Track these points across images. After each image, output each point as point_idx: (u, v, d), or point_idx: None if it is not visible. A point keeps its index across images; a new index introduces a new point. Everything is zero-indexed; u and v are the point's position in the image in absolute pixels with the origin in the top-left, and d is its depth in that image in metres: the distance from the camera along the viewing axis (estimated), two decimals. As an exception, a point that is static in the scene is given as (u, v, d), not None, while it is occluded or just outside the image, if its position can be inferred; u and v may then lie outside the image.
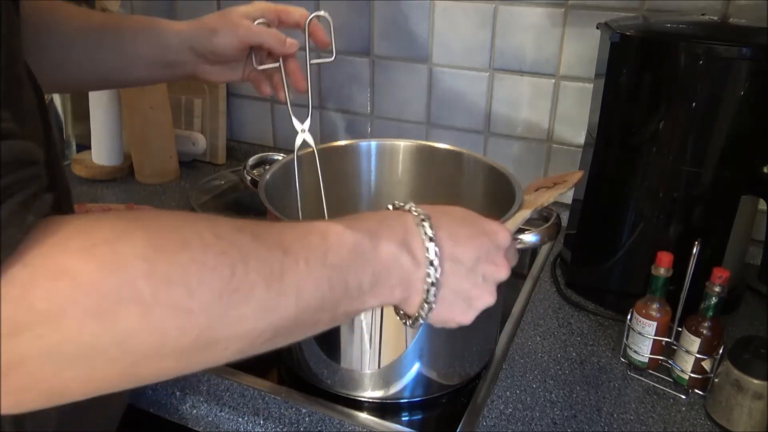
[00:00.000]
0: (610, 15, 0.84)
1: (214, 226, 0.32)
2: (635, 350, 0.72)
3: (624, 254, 0.81)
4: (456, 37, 1.05)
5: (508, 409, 0.67)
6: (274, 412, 0.65)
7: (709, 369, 0.67)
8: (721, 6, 0.88)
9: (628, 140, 0.78)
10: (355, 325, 0.63)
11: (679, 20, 0.78)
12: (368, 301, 0.40)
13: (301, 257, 0.35)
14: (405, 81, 1.12)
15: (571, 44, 0.98)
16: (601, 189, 0.83)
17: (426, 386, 0.67)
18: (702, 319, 0.67)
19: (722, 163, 0.73)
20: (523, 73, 1.03)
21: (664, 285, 0.69)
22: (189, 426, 0.68)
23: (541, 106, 1.04)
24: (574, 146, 1.04)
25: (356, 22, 1.11)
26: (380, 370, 0.65)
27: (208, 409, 0.66)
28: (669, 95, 0.73)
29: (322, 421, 0.64)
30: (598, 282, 0.86)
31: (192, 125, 1.25)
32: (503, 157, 1.09)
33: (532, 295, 0.87)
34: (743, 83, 0.69)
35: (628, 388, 0.70)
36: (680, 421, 0.66)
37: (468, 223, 0.45)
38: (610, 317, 0.82)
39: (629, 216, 0.80)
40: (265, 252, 0.34)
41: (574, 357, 0.75)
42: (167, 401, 0.68)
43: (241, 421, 0.65)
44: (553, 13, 0.97)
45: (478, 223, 0.46)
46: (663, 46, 0.72)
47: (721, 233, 0.77)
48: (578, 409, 0.67)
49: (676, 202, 0.77)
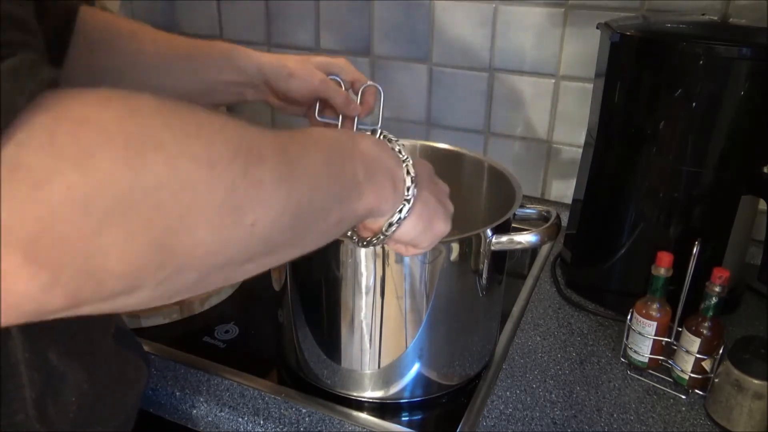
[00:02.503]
0: (610, 15, 0.84)
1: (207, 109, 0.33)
2: (635, 350, 0.72)
3: (624, 254, 0.81)
4: (456, 37, 1.05)
5: (508, 409, 0.67)
6: (274, 412, 0.65)
7: (709, 369, 0.67)
8: (721, 6, 0.88)
9: (628, 140, 0.78)
10: (355, 325, 0.63)
11: (679, 20, 0.78)
12: (367, 195, 0.41)
13: (294, 139, 0.36)
14: (405, 81, 1.12)
15: (571, 44, 0.98)
16: (601, 189, 0.83)
17: (426, 386, 0.67)
18: (702, 319, 0.67)
19: (722, 163, 0.73)
20: (523, 73, 1.03)
21: (664, 285, 0.69)
22: (189, 426, 0.68)
23: (541, 106, 1.04)
24: (574, 146, 1.04)
25: (356, 22, 1.11)
26: (380, 370, 0.65)
27: (208, 409, 0.66)
28: (669, 95, 0.73)
29: (322, 421, 0.64)
30: (598, 282, 0.86)
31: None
32: (503, 157, 1.09)
33: (532, 295, 0.87)
34: (743, 83, 0.69)
35: (628, 388, 0.70)
36: (680, 421, 0.66)
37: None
38: (610, 317, 0.82)
39: (629, 216, 0.80)
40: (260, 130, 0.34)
41: (574, 357, 0.75)
42: (167, 401, 0.68)
43: (241, 421, 0.65)
44: (553, 13, 0.97)
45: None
46: (663, 46, 0.72)
47: (721, 233, 0.77)
48: (578, 409, 0.67)
49: (676, 202, 0.77)
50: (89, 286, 0.27)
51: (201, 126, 0.30)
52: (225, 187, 0.30)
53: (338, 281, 0.61)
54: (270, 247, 0.35)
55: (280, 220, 0.34)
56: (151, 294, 0.30)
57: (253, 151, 0.32)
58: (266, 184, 0.32)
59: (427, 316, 0.62)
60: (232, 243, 0.31)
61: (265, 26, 1.20)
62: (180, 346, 0.75)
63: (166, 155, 0.27)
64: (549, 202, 1.10)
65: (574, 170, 0.93)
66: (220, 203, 0.30)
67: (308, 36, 1.17)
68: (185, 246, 0.29)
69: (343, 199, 0.39)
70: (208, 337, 0.77)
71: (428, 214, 0.46)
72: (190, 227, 0.29)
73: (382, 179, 0.42)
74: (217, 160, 0.30)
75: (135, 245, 0.27)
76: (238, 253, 0.32)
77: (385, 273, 0.60)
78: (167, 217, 0.28)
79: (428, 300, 0.61)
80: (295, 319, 0.67)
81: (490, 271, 0.64)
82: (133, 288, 0.29)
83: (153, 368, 0.71)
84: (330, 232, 0.40)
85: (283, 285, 0.67)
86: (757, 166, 0.73)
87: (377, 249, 0.58)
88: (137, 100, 0.28)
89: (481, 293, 0.65)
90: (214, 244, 0.30)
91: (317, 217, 0.37)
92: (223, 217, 0.30)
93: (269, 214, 0.33)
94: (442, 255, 0.60)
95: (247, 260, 0.34)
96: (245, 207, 0.31)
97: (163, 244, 0.28)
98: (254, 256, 0.34)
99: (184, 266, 0.30)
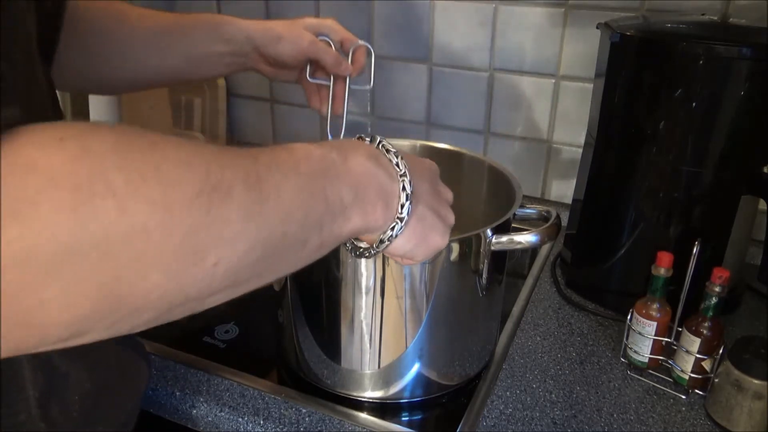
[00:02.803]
0: (610, 15, 0.84)
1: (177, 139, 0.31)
2: (635, 350, 0.72)
3: (624, 254, 0.81)
4: (456, 37, 1.05)
5: (508, 409, 0.67)
6: (274, 412, 0.65)
7: (709, 369, 0.67)
8: (721, 6, 0.88)
9: (628, 140, 0.77)
10: (355, 325, 0.63)
11: (679, 20, 0.78)
12: (353, 219, 0.39)
13: (273, 165, 0.34)
14: (405, 81, 1.12)
15: (571, 44, 0.98)
16: (601, 189, 0.83)
17: (426, 386, 0.67)
18: (702, 319, 0.67)
19: (722, 163, 0.73)
20: (523, 73, 1.03)
21: (664, 285, 0.69)
22: (189, 426, 0.68)
23: (541, 106, 1.04)
24: (574, 146, 1.04)
25: (356, 22, 1.11)
26: (380, 370, 0.65)
27: (208, 409, 0.66)
28: (669, 95, 0.73)
29: (322, 421, 0.64)
30: (598, 282, 0.86)
31: (192, 125, 1.24)
32: (503, 157, 1.09)
33: (532, 295, 0.87)
34: (743, 83, 0.69)
35: (628, 388, 0.70)
36: (680, 421, 0.66)
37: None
38: (610, 317, 0.82)
39: (629, 216, 0.80)
40: (235, 158, 0.32)
41: (574, 357, 0.75)
42: (167, 401, 0.68)
43: (241, 421, 0.65)
44: (553, 13, 0.97)
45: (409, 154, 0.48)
46: (663, 46, 0.72)
47: (721, 233, 0.77)
48: (578, 409, 0.67)
49: (676, 202, 0.77)
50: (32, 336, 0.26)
51: (160, 164, 0.28)
52: (182, 231, 0.28)
53: (338, 281, 0.61)
54: (236, 282, 0.33)
55: (247, 256, 0.32)
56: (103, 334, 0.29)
57: (221, 187, 0.30)
58: (232, 224, 0.31)
59: (427, 316, 0.62)
60: (190, 284, 0.30)
61: (265, 26, 1.20)
62: (180, 346, 0.75)
63: (117, 201, 0.26)
64: (549, 202, 1.10)
65: (574, 170, 0.93)
66: (175, 247, 0.28)
67: (308, 36, 1.17)
68: (137, 292, 0.28)
69: (324, 225, 0.37)
70: (208, 337, 0.77)
71: (423, 230, 0.45)
72: (142, 274, 0.28)
73: (373, 198, 0.40)
74: (175, 203, 0.28)
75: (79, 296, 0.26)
76: (199, 292, 0.31)
77: (385, 273, 0.60)
78: (115, 266, 0.27)
79: (428, 300, 0.61)
80: (295, 319, 0.67)
81: (490, 271, 0.64)
82: (81, 333, 0.28)
83: (153, 368, 0.71)
84: (310, 257, 0.38)
85: (283, 285, 0.67)
86: (757, 166, 0.73)
87: (377, 249, 0.58)
88: (93, 137, 0.27)
89: (481, 293, 0.65)
90: (170, 287, 0.29)
91: (292, 248, 0.36)
92: (180, 261, 0.29)
93: (234, 253, 0.31)
94: (442, 255, 0.59)
95: (209, 296, 0.32)
96: (207, 249, 0.30)
97: (110, 292, 0.27)
98: (217, 291, 0.32)
99: (137, 309, 0.29)
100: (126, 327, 0.30)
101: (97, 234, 0.26)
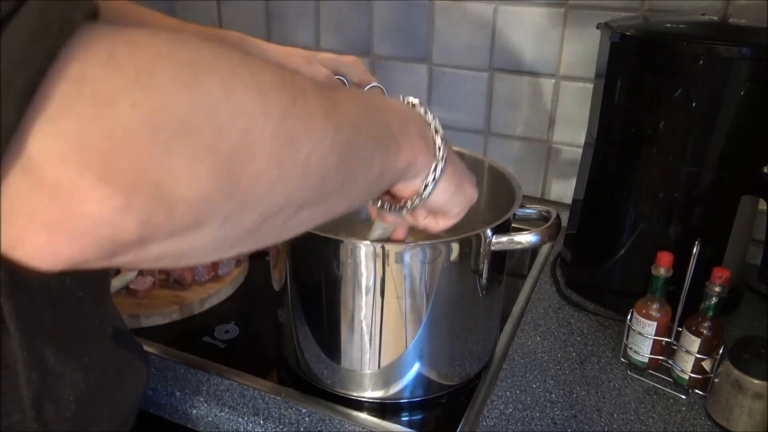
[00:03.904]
0: (610, 15, 0.84)
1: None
2: (635, 350, 0.72)
3: (624, 254, 0.81)
4: (456, 37, 1.05)
5: (508, 409, 0.67)
6: (274, 412, 0.65)
7: (709, 369, 0.67)
8: (721, 6, 0.88)
9: (628, 140, 0.78)
10: (355, 324, 0.63)
11: (679, 20, 0.78)
12: (404, 149, 0.40)
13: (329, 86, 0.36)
14: (405, 81, 1.12)
15: (571, 44, 0.98)
16: (601, 189, 0.83)
17: (426, 386, 0.67)
18: (702, 319, 0.67)
19: (722, 163, 0.73)
20: (523, 73, 1.03)
21: (664, 285, 0.69)
22: (189, 426, 0.68)
23: (541, 106, 1.04)
24: (574, 146, 1.04)
25: (356, 22, 1.11)
26: (380, 370, 0.65)
27: (208, 409, 0.66)
28: (669, 95, 0.73)
29: (322, 421, 0.64)
30: (598, 282, 0.86)
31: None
32: (503, 157, 1.09)
33: (532, 295, 0.87)
34: (743, 83, 0.69)
35: (628, 388, 0.70)
36: (680, 421, 0.66)
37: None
38: (610, 317, 0.82)
39: (629, 216, 0.80)
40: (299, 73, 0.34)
41: (574, 357, 0.75)
42: (167, 401, 0.68)
43: (241, 421, 0.65)
44: (553, 13, 0.97)
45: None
46: (663, 46, 0.72)
47: (721, 233, 0.77)
48: (578, 409, 0.67)
49: (676, 202, 0.77)
50: (160, 212, 0.26)
51: (245, 58, 0.30)
52: (277, 114, 0.30)
53: (338, 281, 0.61)
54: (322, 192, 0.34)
55: (330, 156, 0.33)
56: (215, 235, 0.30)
57: (296, 86, 0.32)
58: (314, 117, 0.32)
59: (427, 316, 0.62)
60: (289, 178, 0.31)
61: (265, 26, 1.20)
62: (180, 346, 0.75)
63: (221, 79, 0.27)
64: (549, 202, 1.10)
65: (574, 170, 0.93)
66: (274, 131, 0.29)
67: (308, 36, 1.17)
68: (248, 175, 0.29)
69: (383, 147, 0.39)
70: (208, 337, 0.77)
71: (458, 177, 0.46)
72: (250, 155, 0.28)
73: (415, 134, 0.42)
74: (267, 88, 0.29)
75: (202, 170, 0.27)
76: (295, 192, 0.32)
77: (385, 273, 0.60)
78: (228, 143, 0.27)
79: (428, 300, 0.61)
80: (295, 319, 0.67)
81: (490, 271, 0.64)
82: (200, 222, 0.28)
83: (153, 368, 0.71)
84: (372, 188, 0.40)
85: (283, 285, 0.67)
86: (757, 166, 0.73)
87: (377, 249, 0.58)
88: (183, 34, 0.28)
89: (481, 293, 0.65)
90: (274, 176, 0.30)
91: (362, 164, 0.37)
92: (280, 148, 0.30)
93: (320, 148, 0.32)
94: (442, 255, 0.60)
95: (302, 204, 0.33)
96: (298, 138, 0.31)
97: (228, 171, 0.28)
98: (308, 201, 0.34)
99: (247, 202, 0.30)
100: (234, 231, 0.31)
101: (207, 109, 0.27)
